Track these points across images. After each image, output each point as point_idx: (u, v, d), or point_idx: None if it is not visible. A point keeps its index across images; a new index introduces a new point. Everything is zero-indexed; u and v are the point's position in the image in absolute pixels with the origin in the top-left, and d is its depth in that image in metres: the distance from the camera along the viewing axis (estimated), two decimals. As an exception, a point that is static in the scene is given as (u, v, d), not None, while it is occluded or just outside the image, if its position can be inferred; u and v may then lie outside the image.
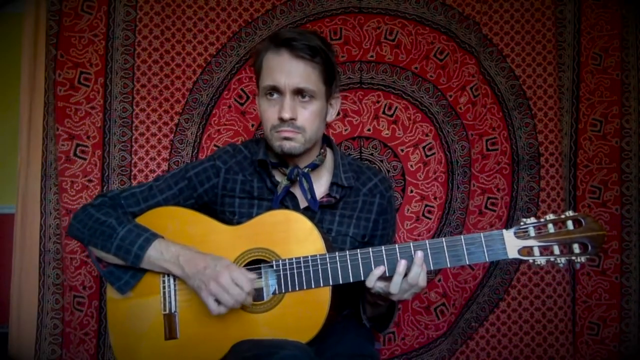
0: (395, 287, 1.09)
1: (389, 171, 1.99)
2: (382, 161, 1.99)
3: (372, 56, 2.00)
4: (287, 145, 1.20)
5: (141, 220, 1.25)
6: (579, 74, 2.04)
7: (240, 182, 1.29)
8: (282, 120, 1.19)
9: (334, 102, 1.31)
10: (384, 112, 2.00)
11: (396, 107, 2.00)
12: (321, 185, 1.30)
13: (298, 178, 1.24)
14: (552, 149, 2.01)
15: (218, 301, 1.10)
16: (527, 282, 2.00)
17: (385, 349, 1.96)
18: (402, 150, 2.00)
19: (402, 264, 1.09)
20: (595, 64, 2.03)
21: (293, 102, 1.19)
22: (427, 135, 2.00)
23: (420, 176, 1.99)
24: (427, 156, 2.00)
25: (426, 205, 2.00)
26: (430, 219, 2.00)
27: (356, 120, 1.99)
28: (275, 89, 1.20)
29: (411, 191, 1.99)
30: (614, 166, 2.03)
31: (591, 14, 2.02)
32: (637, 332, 2.00)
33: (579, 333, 2.01)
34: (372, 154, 1.99)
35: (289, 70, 1.18)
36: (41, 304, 1.89)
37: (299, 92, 1.19)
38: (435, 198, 1.99)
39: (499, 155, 2.01)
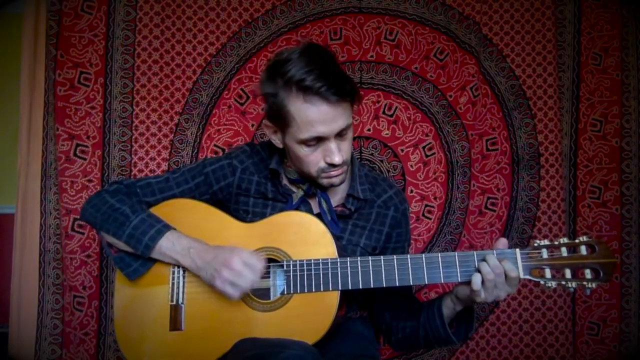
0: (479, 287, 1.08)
1: (389, 171, 1.99)
2: (382, 161, 1.99)
3: (372, 56, 2.00)
4: (338, 181, 1.19)
5: (156, 210, 1.25)
6: (579, 74, 2.04)
7: (256, 183, 1.29)
8: (333, 165, 1.15)
9: None
10: (384, 112, 2.00)
11: (396, 107, 2.00)
12: (337, 196, 1.30)
13: (317, 198, 1.24)
14: (552, 149, 2.01)
15: (235, 286, 1.10)
16: (527, 281, 2.00)
17: (385, 349, 1.95)
18: (402, 150, 2.00)
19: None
20: (595, 64, 2.03)
21: (337, 143, 1.15)
22: (427, 135, 2.00)
23: (420, 176, 1.99)
24: (427, 156, 2.00)
25: (426, 205, 2.00)
26: (430, 219, 2.00)
27: (356, 120, 1.99)
28: (318, 139, 1.14)
29: (411, 191, 1.99)
30: (614, 166, 2.03)
31: (591, 14, 2.02)
32: (637, 332, 2.00)
33: (579, 333, 2.01)
34: (372, 154, 1.99)
35: (331, 119, 1.11)
36: (41, 304, 1.89)
37: (340, 131, 1.15)
38: (435, 198, 2.00)
39: (499, 155, 2.01)
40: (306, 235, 1.17)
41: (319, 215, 1.24)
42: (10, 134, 2.18)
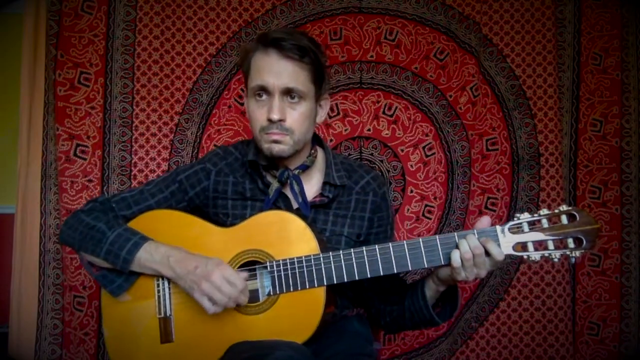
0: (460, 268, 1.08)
1: (389, 171, 1.99)
2: (382, 161, 1.99)
3: (372, 56, 2.00)
4: (276, 148, 1.19)
5: (133, 224, 1.25)
6: (579, 74, 2.04)
7: (232, 183, 1.28)
8: (270, 121, 1.17)
9: (324, 103, 1.30)
10: (384, 112, 2.00)
11: (396, 107, 2.00)
12: (313, 185, 1.30)
13: (289, 181, 1.24)
14: (552, 149, 2.01)
15: (213, 300, 1.10)
16: (527, 282, 2.00)
17: (385, 349, 1.96)
18: (402, 150, 2.00)
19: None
20: (595, 64, 2.03)
21: (282, 102, 1.17)
22: (427, 135, 2.00)
23: (420, 176, 1.99)
24: (427, 156, 2.00)
25: (426, 205, 2.00)
26: (430, 219, 2.00)
27: (356, 120, 1.99)
28: (263, 89, 1.18)
29: (411, 191, 1.99)
30: (614, 166, 2.03)
31: (591, 14, 2.02)
32: (637, 332, 2.00)
33: (579, 333, 2.01)
34: (372, 154, 1.99)
35: (278, 71, 1.16)
36: (41, 304, 1.89)
37: (287, 93, 1.18)
38: (435, 198, 1.99)
39: (499, 155, 2.01)
40: (287, 234, 1.16)
41: (299, 210, 1.24)
42: (10, 134, 2.18)
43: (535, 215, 1.07)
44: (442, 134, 2.01)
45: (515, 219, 1.08)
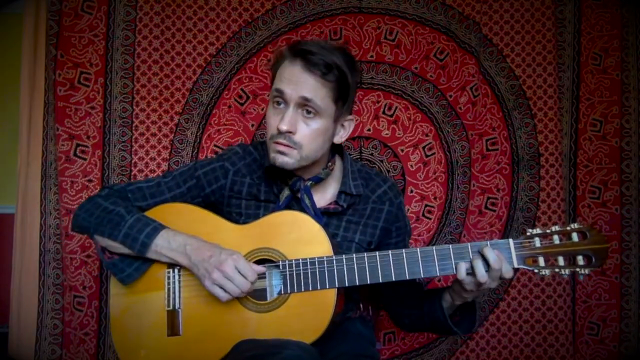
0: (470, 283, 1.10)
1: (388, 171, 1.99)
2: (382, 161, 1.99)
3: (372, 56, 2.00)
4: (279, 160, 1.18)
5: (148, 214, 1.25)
6: (579, 74, 2.04)
7: (248, 185, 1.29)
8: (279, 132, 1.17)
9: (347, 124, 1.27)
10: (384, 112, 2.00)
11: (396, 107, 2.00)
12: (328, 193, 1.30)
13: (300, 194, 1.24)
14: (552, 149, 2.01)
15: (224, 289, 1.11)
16: (527, 282, 2.00)
17: (385, 349, 1.96)
18: (402, 150, 2.00)
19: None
20: (595, 64, 2.03)
21: (295, 115, 1.16)
22: (427, 135, 2.00)
23: (420, 176, 1.99)
24: (427, 156, 2.00)
25: (426, 206, 2.00)
26: (430, 219, 2.00)
27: (356, 120, 1.99)
28: (280, 96, 1.18)
29: (411, 191, 1.99)
30: (614, 166, 2.03)
31: (591, 14, 2.02)
32: (637, 332, 2.00)
33: (579, 333, 2.01)
34: (372, 154, 1.99)
35: (297, 82, 1.15)
36: (41, 304, 1.89)
37: (303, 106, 1.16)
38: (435, 198, 1.99)
39: (499, 155, 2.01)
40: (301, 234, 1.17)
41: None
42: (10, 134, 2.18)
43: (547, 230, 1.09)
44: (442, 134, 2.01)
45: (527, 233, 1.10)
